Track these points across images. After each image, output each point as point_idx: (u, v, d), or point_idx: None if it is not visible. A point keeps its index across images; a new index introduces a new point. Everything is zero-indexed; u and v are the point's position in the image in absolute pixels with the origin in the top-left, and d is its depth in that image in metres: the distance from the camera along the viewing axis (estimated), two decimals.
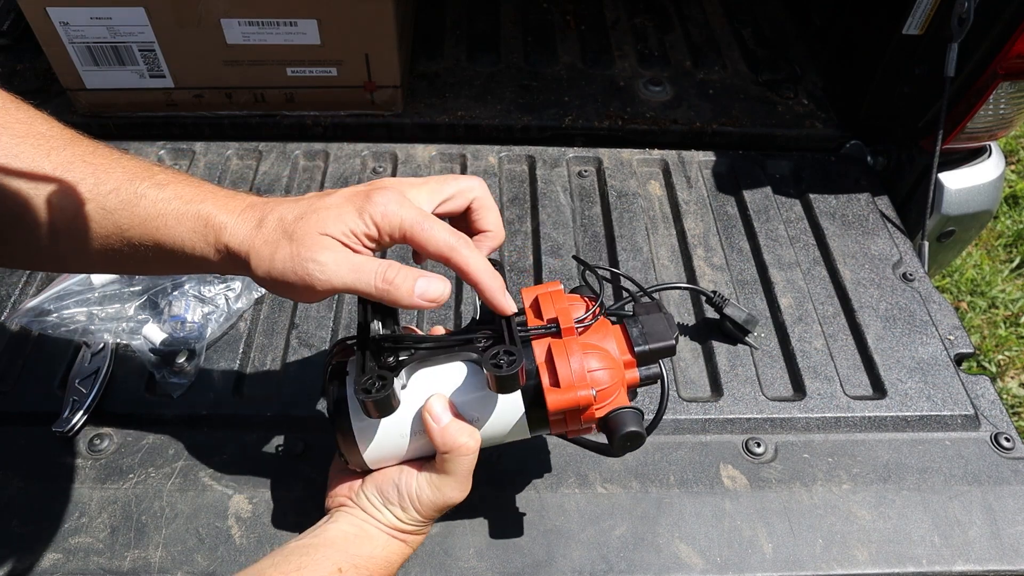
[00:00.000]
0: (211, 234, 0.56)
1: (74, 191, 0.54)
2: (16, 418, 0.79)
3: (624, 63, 1.33)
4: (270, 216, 0.57)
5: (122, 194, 0.55)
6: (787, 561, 0.72)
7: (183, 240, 0.56)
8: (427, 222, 0.57)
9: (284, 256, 0.55)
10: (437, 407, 0.60)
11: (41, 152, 0.54)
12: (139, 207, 0.55)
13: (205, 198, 0.57)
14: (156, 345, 0.83)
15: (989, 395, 0.86)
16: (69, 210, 0.54)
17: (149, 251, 0.57)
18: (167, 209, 0.56)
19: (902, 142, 1.15)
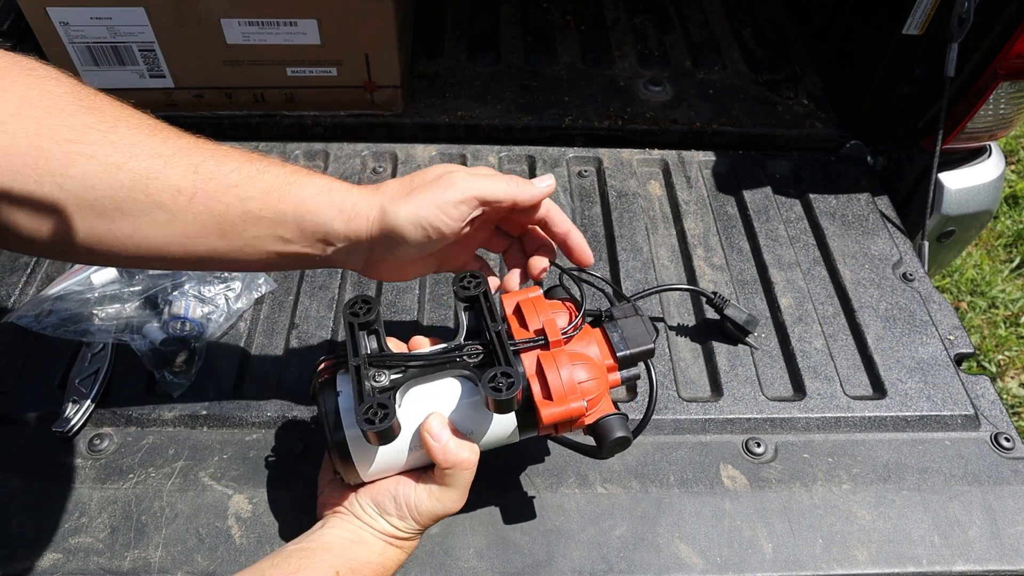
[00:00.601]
0: (335, 196, 0.61)
1: (195, 171, 0.57)
2: (16, 418, 0.79)
3: (624, 63, 1.33)
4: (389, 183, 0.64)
5: (244, 170, 0.58)
6: (787, 561, 0.72)
7: (306, 204, 0.60)
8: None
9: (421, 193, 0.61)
10: (436, 426, 0.61)
11: (157, 140, 0.56)
12: (261, 179, 0.59)
13: (321, 174, 0.63)
14: (156, 345, 0.83)
15: (989, 395, 0.86)
16: (187, 190, 0.56)
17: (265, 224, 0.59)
18: (291, 179, 0.60)
19: (902, 142, 1.15)
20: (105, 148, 0.53)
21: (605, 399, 0.64)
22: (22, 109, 0.51)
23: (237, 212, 0.58)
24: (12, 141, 0.51)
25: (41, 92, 0.53)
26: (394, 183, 0.64)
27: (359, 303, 0.65)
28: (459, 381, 0.64)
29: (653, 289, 0.91)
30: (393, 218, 0.61)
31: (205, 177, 0.57)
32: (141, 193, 0.55)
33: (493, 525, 0.73)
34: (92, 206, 0.54)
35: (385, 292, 0.94)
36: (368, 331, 0.65)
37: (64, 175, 0.52)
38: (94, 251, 0.57)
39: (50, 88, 0.53)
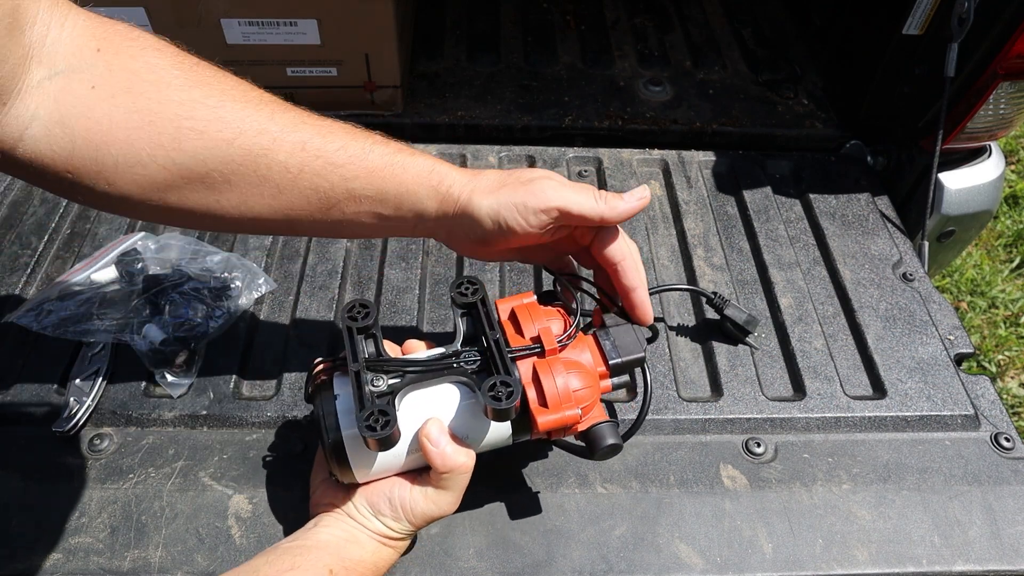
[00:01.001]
0: (435, 177, 0.62)
1: (302, 149, 0.58)
2: (16, 418, 0.79)
3: (624, 63, 1.33)
4: (487, 172, 0.65)
5: (350, 149, 0.60)
6: (787, 561, 0.72)
7: (407, 185, 0.61)
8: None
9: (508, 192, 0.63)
10: (435, 431, 0.62)
11: (264, 115, 0.58)
12: (367, 159, 0.60)
13: (425, 154, 0.64)
14: (156, 345, 0.83)
15: (989, 395, 0.86)
16: (294, 167, 0.58)
17: (366, 202, 0.61)
18: (394, 160, 0.62)
19: (902, 142, 1.15)
20: (215, 124, 0.55)
21: (597, 406, 0.66)
22: (132, 84, 0.53)
23: (341, 190, 0.60)
24: (125, 116, 0.52)
25: (147, 65, 0.54)
26: (492, 174, 0.65)
27: (357, 307, 0.65)
28: (456, 387, 0.64)
29: (653, 289, 0.91)
30: (475, 207, 0.63)
31: (312, 155, 0.58)
32: (250, 168, 0.57)
33: (493, 525, 0.73)
34: (203, 179, 0.56)
35: (385, 292, 0.94)
36: (366, 335, 0.65)
37: (176, 149, 0.54)
38: (201, 217, 0.59)
39: (154, 60, 0.55)
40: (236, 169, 0.56)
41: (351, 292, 0.94)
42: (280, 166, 0.57)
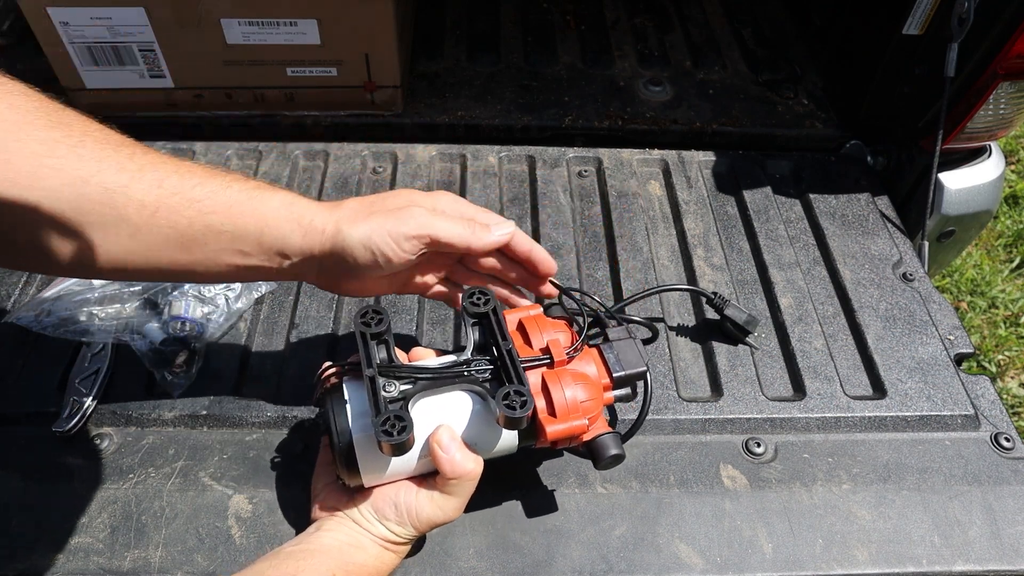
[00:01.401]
0: (295, 210, 0.62)
1: (159, 186, 0.58)
2: (16, 418, 0.79)
3: (624, 63, 1.33)
4: (348, 201, 0.65)
5: (208, 185, 0.60)
6: (787, 561, 0.72)
7: (267, 219, 0.61)
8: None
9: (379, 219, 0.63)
10: (446, 438, 0.62)
11: (124, 155, 0.57)
12: (224, 194, 0.60)
13: (285, 190, 0.64)
14: (156, 345, 0.83)
15: (989, 395, 0.86)
16: (151, 204, 0.57)
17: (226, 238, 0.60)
18: (253, 194, 0.61)
19: (902, 142, 1.15)
20: (73, 161, 0.54)
21: (600, 418, 0.67)
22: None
23: (199, 226, 0.59)
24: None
25: (9, 106, 0.54)
26: (354, 202, 0.65)
27: (371, 313, 0.65)
28: (467, 395, 0.65)
29: (653, 290, 0.91)
30: (345, 238, 0.62)
31: (169, 192, 0.58)
32: (107, 206, 0.56)
33: (493, 525, 0.73)
34: (59, 218, 0.55)
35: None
36: (378, 341, 0.66)
37: (32, 187, 0.53)
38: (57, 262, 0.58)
39: (18, 103, 0.55)
40: (93, 208, 0.55)
41: None
42: (136, 204, 0.57)
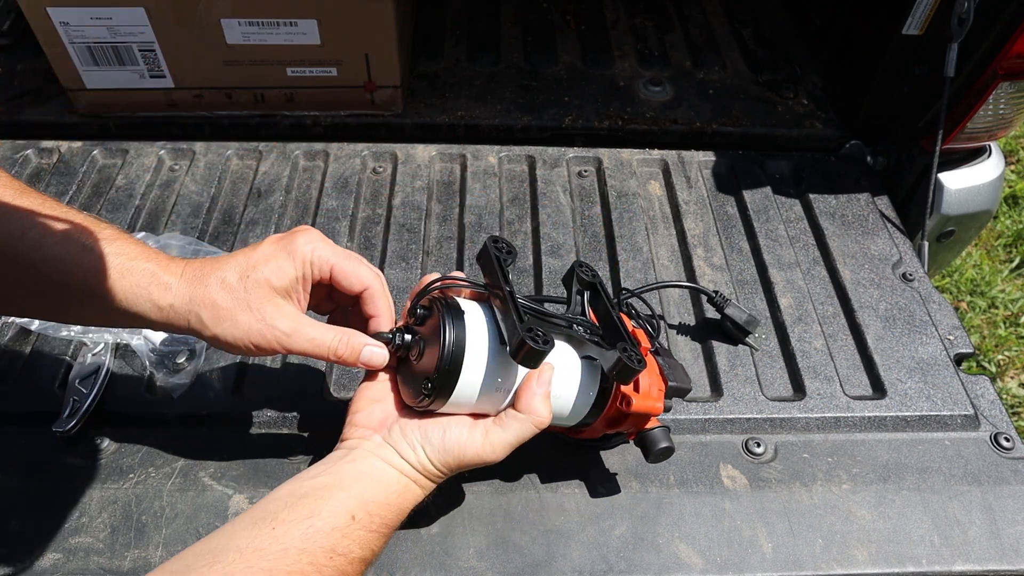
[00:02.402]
0: (155, 290, 0.60)
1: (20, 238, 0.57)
2: (16, 418, 0.79)
3: (624, 63, 1.33)
4: (212, 277, 0.61)
5: (68, 245, 0.58)
6: (787, 561, 0.72)
7: (126, 293, 0.59)
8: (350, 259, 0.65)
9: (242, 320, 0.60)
10: (547, 375, 0.64)
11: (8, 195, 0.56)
12: (85, 259, 0.58)
13: (149, 257, 0.61)
14: (156, 345, 0.83)
15: (989, 395, 0.86)
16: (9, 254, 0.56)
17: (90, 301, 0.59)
18: (113, 263, 0.59)
19: (902, 142, 1.15)
20: None
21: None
22: None
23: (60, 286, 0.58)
24: None
25: None
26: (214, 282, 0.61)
27: (502, 242, 0.68)
28: (571, 349, 0.68)
29: (654, 285, 0.91)
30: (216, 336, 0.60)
31: (31, 246, 0.57)
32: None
33: (493, 525, 0.73)
34: None
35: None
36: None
37: None
38: None
39: None
40: None
41: None
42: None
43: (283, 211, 1.03)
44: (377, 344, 0.65)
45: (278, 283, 0.62)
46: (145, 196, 1.04)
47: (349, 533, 0.56)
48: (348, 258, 0.65)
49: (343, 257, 0.65)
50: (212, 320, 0.60)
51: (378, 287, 0.66)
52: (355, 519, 0.57)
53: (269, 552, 0.53)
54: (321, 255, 0.64)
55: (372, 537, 0.58)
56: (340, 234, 1.00)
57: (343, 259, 0.65)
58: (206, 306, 0.60)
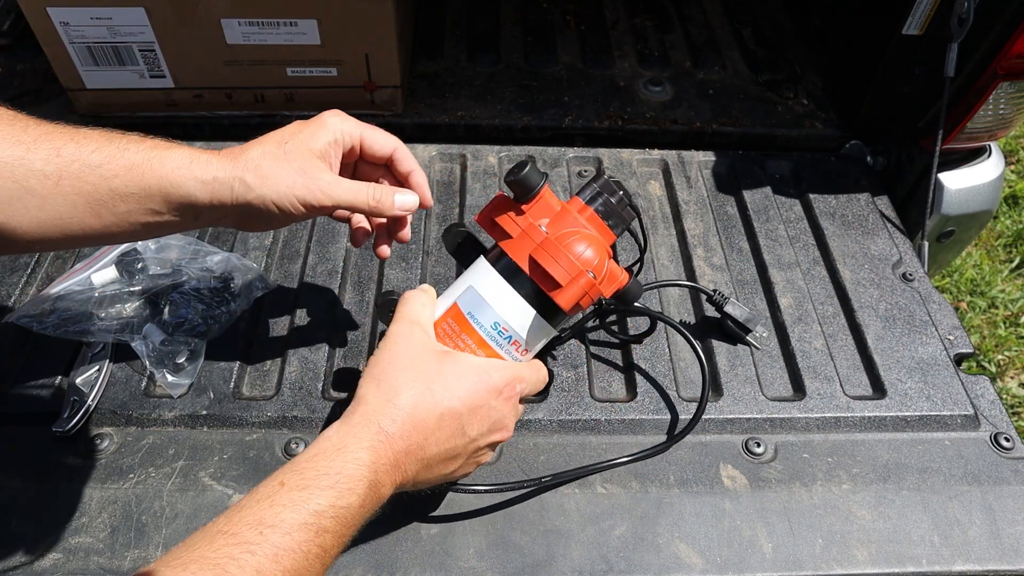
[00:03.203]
0: (197, 167, 0.61)
1: (57, 155, 0.58)
2: (16, 418, 0.79)
3: (624, 63, 1.33)
4: (251, 151, 0.64)
5: (105, 150, 0.60)
6: (787, 561, 0.72)
7: (169, 178, 0.61)
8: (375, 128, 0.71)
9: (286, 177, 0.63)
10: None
11: (17, 128, 0.58)
12: (123, 157, 0.60)
13: (181, 145, 0.63)
14: (156, 345, 0.83)
15: (989, 395, 0.86)
16: (52, 174, 0.57)
17: (132, 200, 0.60)
18: (151, 154, 0.61)
19: (902, 142, 1.15)
20: None
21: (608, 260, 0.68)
22: None
23: (104, 191, 0.59)
24: None
25: None
26: (255, 152, 0.64)
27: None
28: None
29: (654, 284, 0.91)
30: (256, 197, 0.62)
31: (68, 160, 0.58)
32: (8, 180, 0.56)
33: (493, 525, 0.73)
34: None
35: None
36: None
37: None
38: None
39: None
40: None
41: (351, 292, 0.94)
42: (38, 175, 0.57)
43: None
44: (408, 192, 0.70)
45: (315, 146, 0.65)
46: None
47: (277, 500, 0.51)
48: (373, 127, 0.70)
49: (368, 127, 0.70)
50: (257, 183, 0.62)
51: (404, 147, 0.72)
52: (283, 484, 0.53)
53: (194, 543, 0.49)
54: (349, 126, 0.69)
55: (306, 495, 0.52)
56: (340, 234, 1.00)
57: (369, 128, 0.70)
58: (250, 170, 0.62)
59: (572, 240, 0.65)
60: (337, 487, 0.53)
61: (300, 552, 0.50)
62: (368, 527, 0.58)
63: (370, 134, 0.70)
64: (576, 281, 0.64)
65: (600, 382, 0.86)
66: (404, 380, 0.61)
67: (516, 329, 0.66)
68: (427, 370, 0.62)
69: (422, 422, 0.59)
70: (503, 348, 0.67)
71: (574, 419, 0.81)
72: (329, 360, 0.86)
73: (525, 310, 0.66)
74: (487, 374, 0.63)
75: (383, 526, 0.71)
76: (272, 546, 0.49)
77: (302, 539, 0.50)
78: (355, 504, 0.54)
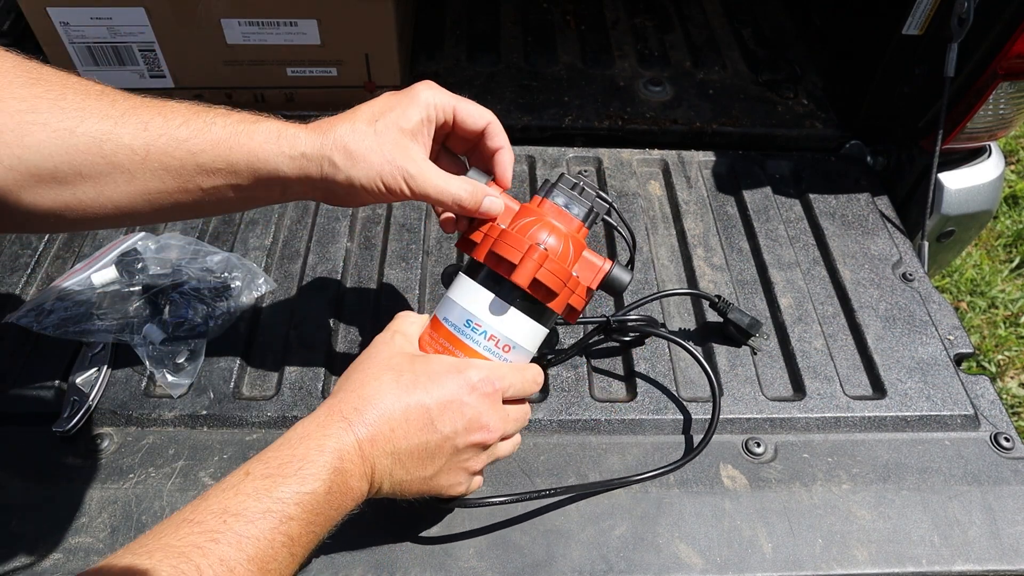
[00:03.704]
0: (285, 142, 0.60)
1: (144, 129, 0.57)
2: (16, 418, 0.79)
3: (624, 63, 1.33)
4: (339, 127, 0.62)
5: (192, 124, 0.59)
6: (787, 561, 0.72)
7: (256, 153, 0.60)
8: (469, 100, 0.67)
9: (374, 160, 0.61)
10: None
11: (106, 102, 0.57)
12: (210, 131, 0.59)
13: (268, 118, 0.62)
14: (156, 345, 0.83)
15: (989, 395, 0.86)
16: (140, 149, 0.57)
17: (219, 175, 0.60)
18: (238, 129, 0.60)
19: (902, 142, 1.15)
20: (56, 115, 0.55)
21: (589, 255, 0.69)
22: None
23: (191, 166, 0.59)
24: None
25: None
26: (344, 129, 0.62)
27: None
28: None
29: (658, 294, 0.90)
30: (344, 177, 0.61)
31: (155, 134, 0.58)
32: (97, 156, 0.56)
33: (493, 525, 0.73)
34: (53, 175, 0.55)
35: (385, 292, 0.94)
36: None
37: (21, 146, 0.53)
38: (63, 218, 0.58)
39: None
40: (84, 159, 0.56)
41: (351, 292, 0.94)
42: (126, 149, 0.57)
43: (283, 211, 1.03)
44: (496, 197, 0.68)
45: (406, 125, 0.63)
46: None
47: (242, 488, 0.52)
48: (467, 100, 0.68)
49: (462, 99, 0.67)
50: (346, 163, 0.61)
51: (498, 121, 0.69)
52: (248, 473, 0.53)
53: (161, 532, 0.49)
54: (443, 99, 0.66)
55: (269, 483, 0.52)
56: (340, 234, 1.00)
57: (462, 101, 0.67)
58: (338, 150, 0.61)
59: (523, 225, 0.66)
60: (300, 474, 0.53)
61: (264, 540, 0.50)
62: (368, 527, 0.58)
63: (464, 107, 0.67)
64: (529, 256, 0.63)
65: (600, 382, 0.86)
66: (372, 374, 0.61)
67: (488, 323, 0.66)
68: (397, 366, 0.62)
69: (387, 411, 0.58)
70: (481, 345, 0.66)
71: (574, 419, 0.81)
72: (329, 360, 0.86)
73: (495, 302, 0.66)
74: (460, 371, 0.62)
75: (383, 526, 0.72)
76: (235, 534, 0.49)
77: (266, 527, 0.50)
78: (320, 491, 0.53)
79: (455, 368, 0.62)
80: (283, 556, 0.51)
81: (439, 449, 0.60)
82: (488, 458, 0.65)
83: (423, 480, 0.61)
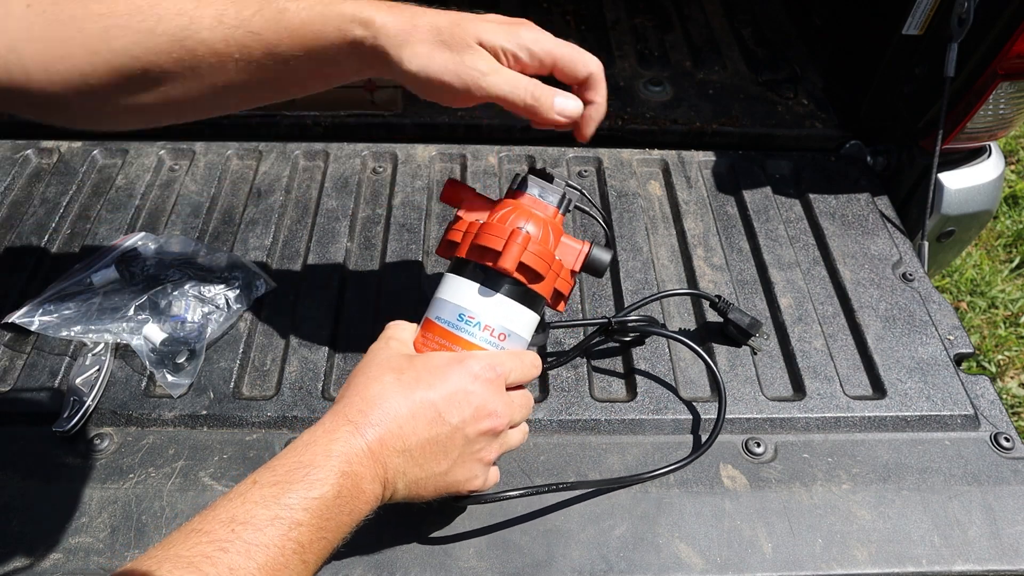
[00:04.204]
0: (358, 28, 0.59)
1: (220, 22, 0.58)
2: (16, 418, 0.79)
3: (624, 63, 1.33)
4: (422, 19, 0.60)
5: (265, 13, 0.59)
6: (787, 561, 0.72)
7: (330, 41, 0.60)
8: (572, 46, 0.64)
9: (444, 59, 0.60)
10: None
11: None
12: (283, 20, 0.59)
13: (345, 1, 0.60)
14: (156, 345, 0.83)
15: (989, 395, 0.86)
16: (219, 43, 0.58)
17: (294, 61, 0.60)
18: (311, 15, 0.59)
19: (902, 142, 1.15)
20: (135, 16, 0.56)
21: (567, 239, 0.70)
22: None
23: (268, 59, 0.60)
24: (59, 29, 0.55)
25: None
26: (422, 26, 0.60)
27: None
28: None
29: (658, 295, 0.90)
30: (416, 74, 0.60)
31: (231, 26, 0.59)
32: (179, 52, 0.58)
33: (493, 525, 0.73)
34: (144, 73, 0.57)
35: (385, 292, 0.94)
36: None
37: (108, 50, 0.56)
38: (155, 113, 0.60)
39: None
40: (168, 57, 0.57)
41: (351, 292, 0.94)
42: (205, 45, 0.58)
43: (283, 211, 1.03)
44: (569, 96, 0.64)
45: (487, 40, 0.61)
46: (145, 196, 1.04)
47: (249, 497, 0.51)
48: (570, 45, 0.64)
49: (565, 44, 0.64)
50: (412, 55, 0.60)
51: (601, 73, 0.66)
52: (256, 482, 0.53)
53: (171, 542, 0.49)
54: (544, 44, 0.63)
55: (276, 491, 0.52)
56: (340, 234, 1.00)
57: (565, 46, 0.64)
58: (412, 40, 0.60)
59: (502, 215, 0.67)
60: (307, 479, 0.52)
61: (274, 547, 0.49)
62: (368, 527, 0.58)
63: (568, 54, 0.64)
64: (512, 241, 0.64)
65: (600, 382, 0.86)
66: (373, 376, 0.60)
67: (481, 313, 0.66)
68: (398, 366, 0.61)
69: (393, 410, 0.58)
70: (477, 337, 0.66)
71: (574, 419, 0.81)
72: (329, 360, 0.86)
73: (485, 292, 0.67)
74: (461, 362, 0.62)
75: (383, 526, 0.71)
76: (244, 543, 0.48)
77: (275, 534, 0.50)
78: (329, 495, 0.53)
79: (455, 360, 0.62)
80: (294, 563, 0.50)
81: (451, 441, 0.60)
82: (500, 448, 0.65)
83: (439, 476, 0.60)
